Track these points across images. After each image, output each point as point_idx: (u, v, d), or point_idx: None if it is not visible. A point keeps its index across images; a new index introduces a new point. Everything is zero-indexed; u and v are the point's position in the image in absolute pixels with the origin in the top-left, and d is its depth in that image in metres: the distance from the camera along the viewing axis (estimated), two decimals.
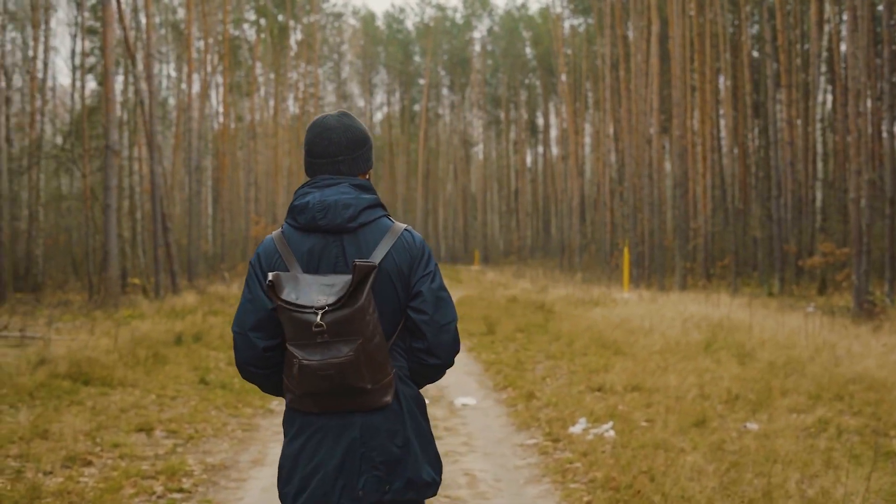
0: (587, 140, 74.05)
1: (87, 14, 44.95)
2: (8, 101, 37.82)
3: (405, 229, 3.59)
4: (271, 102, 71.33)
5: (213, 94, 56.39)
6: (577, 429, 9.77)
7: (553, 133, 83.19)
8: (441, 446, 9.37)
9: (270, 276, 3.36)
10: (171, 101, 62.90)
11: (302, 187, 3.59)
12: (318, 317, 3.27)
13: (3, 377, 13.09)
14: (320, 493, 3.40)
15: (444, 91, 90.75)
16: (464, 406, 11.87)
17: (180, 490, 7.83)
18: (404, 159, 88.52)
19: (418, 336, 3.55)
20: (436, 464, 3.60)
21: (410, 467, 3.47)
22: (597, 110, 63.83)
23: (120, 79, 45.79)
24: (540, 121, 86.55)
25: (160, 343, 17.68)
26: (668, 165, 53.58)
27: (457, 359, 12.68)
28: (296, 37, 71.47)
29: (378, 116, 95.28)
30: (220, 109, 56.42)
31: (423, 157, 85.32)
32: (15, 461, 8.54)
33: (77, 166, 36.04)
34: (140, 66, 34.12)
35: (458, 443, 9.60)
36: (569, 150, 67.00)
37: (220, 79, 57.97)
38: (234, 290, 33.25)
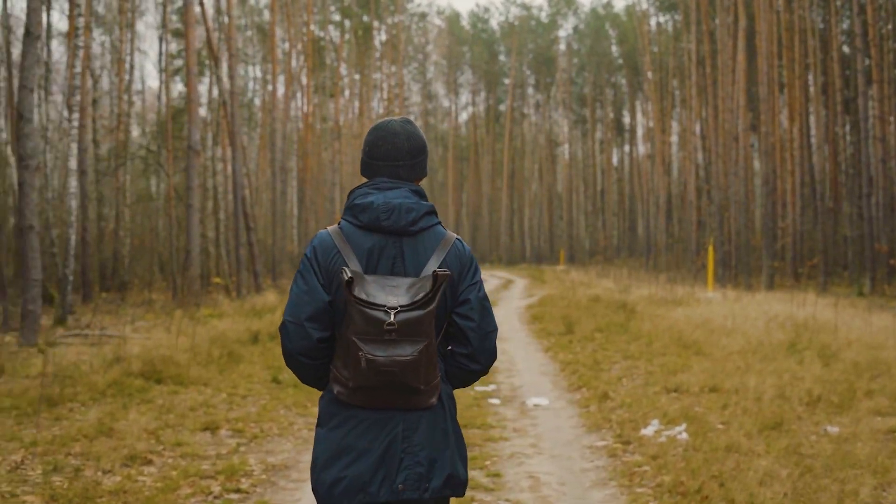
0: (674, 138, 73.06)
1: (173, 17, 45.46)
2: (95, 102, 38.31)
3: (457, 239, 3.68)
4: (356, 103, 71.60)
5: (298, 95, 56.66)
6: (648, 431, 9.45)
7: (640, 132, 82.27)
8: (507, 448, 9.13)
9: (349, 272, 3.42)
10: (257, 103, 63.42)
11: (361, 187, 3.67)
12: (391, 316, 3.35)
13: (78, 375, 13.11)
14: (359, 483, 3.46)
15: (530, 90, 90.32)
16: (536, 406, 11.60)
17: (237, 490, 7.68)
18: (489, 159, 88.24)
19: (462, 342, 3.65)
20: (466, 463, 3.69)
21: (449, 464, 3.55)
22: (683, 108, 62.93)
23: (206, 80, 46.26)
24: (626, 119, 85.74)
25: (236, 342, 17.67)
26: (756, 163, 52.62)
27: (533, 358, 12.47)
28: (380, 37, 71.63)
29: (463, 116, 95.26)
30: (306, 110, 56.61)
31: (508, 157, 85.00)
32: (76, 459, 8.47)
33: (162, 167, 36.40)
34: (224, 67, 34.33)
35: (525, 444, 9.34)
36: (655, 148, 66.24)
37: (305, 80, 58.24)
38: None
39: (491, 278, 51.45)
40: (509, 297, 34.21)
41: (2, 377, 13.36)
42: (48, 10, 33.49)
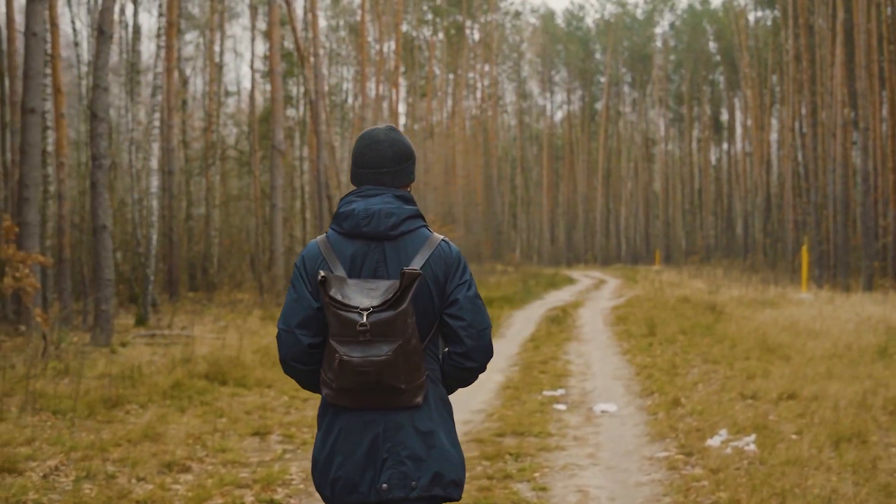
0: (774, 136, 71.46)
1: (265, 18, 45.65)
2: (184, 104, 38.57)
3: (442, 240, 3.75)
4: (449, 103, 71.35)
5: (390, 94, 56.49)
6: (715, 441, 8.91)
7: (738, 129, 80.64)
8: (562, 458, 8.66)
9: (322, 273, 3.54)
10: (351, 103, 63.47)
11: (347, 196, 3.79)
12: (364, 317, 3.45)
13: (141, 377, 12.96)
14: (350, 483, 3.57)
15: (626, 88, 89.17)
16: (602, 413, 11.09)
17: (271, 501, 7.35)
18: (585, 158, 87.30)
19: (456, 341, 3.71)
20: (461, 465, 3.71)
21: (437, 462, 3.59)
22: (782, 105, 61.47)
23: (299, 81, 46.33)
24: (724, 117, 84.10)
25: None
26: (856, 160, 51.12)
27: (609, 361, 11.97)
28: (473, 36, 71.29)
29: (558, 115, 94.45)
30: (399, 110, 56.50)
31: (603, 156, 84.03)
32: (113, 465, 8.23)
33: (250, 167, 36.48)
34: (310, 67, 34.25)
35: (582, 454, 8.85)
36: (753, 146, 64.84)
37: (397, 79, 58.12)
38: None
39: (584, 278, 50.78)
40: (598, 297, 33.59)
41: (67, 378, 13.25)
42: (135, 10, 33.74)
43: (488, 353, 3.76)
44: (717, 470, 7.79)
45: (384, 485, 3.54)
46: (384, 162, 3.78)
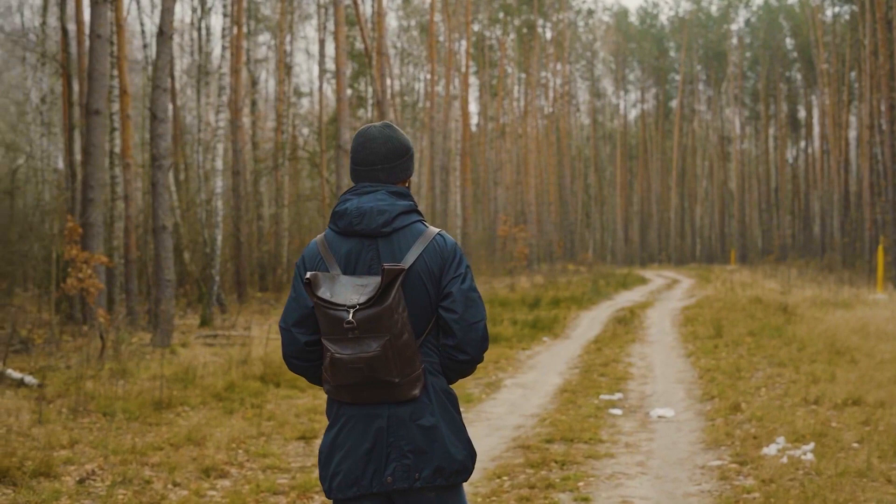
0: (852, 133, 70.08)
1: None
2: (254, 104, 38.74)
3: (438, 233, 3.79)
4: (521, 102, 71.00)
5: (462, 94, 56.28)
6: (771, 449, 8.56)
7: (815, 127, 79.16)
8: (609, 467, 8.38)
9: (308, 275, 3.64)
10: (422, 103, 63.39)
11: (344, 194, 3.84)
12: (350, 314, 3.54)
13: (194, 378, 12.90)
14: (352, 476, 3.64)
15: (700, 86, 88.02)
16: (659, 418, 10.77)
17: None
18: (658, 157, 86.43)
19: (449, 333, 3.74)
20: (467, 449, 3.76)
21: (439, 455, 3.65)
22: (860, 102, 60.20)
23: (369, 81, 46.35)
24: (801, 114, 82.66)
25: None
26: None
27: (672, 364, 11.64)
28: (545, 35, 70.85)
29: (632, 114, 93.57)
30: (471, 109, 56.29)
31: (677, 155, 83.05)
32: (151, 470, 8.11)
33: (318, 167, 36.51)
34: (377, 66, 34.16)
35: (631, 462, 8.56)
36: (830, 144, 63.62)
37: (469, 79, 57.92)
38: None
39: (657, 278, 50.12)
40: (669, 297, 33.07)
41: (123, 379, 13.23)
42: (202, 11, 33.92)
43: (481, 346, 3.77)
44: (770, 481, 7.46)
45: (388, 477, 3.62)
46: (378, 159, 3.84)
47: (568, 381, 13.85)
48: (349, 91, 52.66)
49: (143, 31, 34.33)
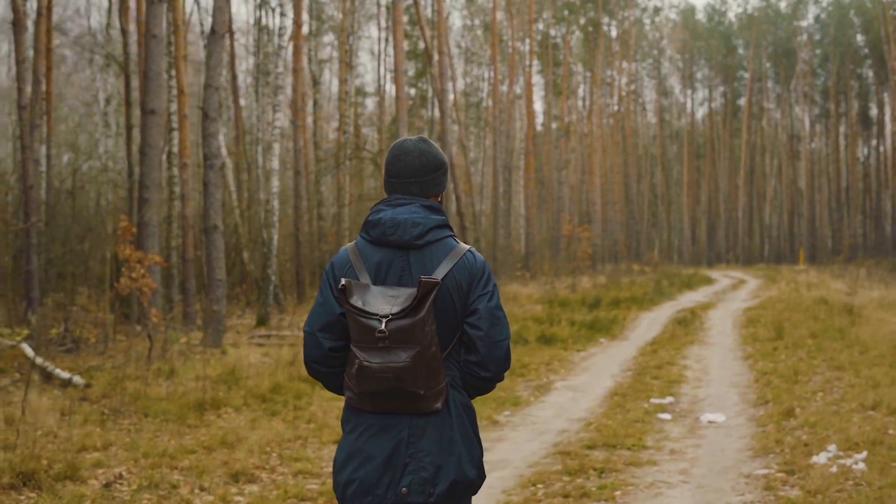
0: None
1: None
2: (315, 104, 38.74)
3: (468, 250, 3.82)
4: (587, 101, 70.48)
5: (526, 93, 55.92)
6: (821, 458, 8.22)
7: (887, 125, 77.62)
8: (651, 475, 8.09)
9: (343, 281, 3.63)
10: (486, 103, 63.12)
11: (377, 205, 3.87)
12: (382, 324, 3.54)
13: (237, 379, 12.80)
14: (367, 484, 3.64)
15: (769, 84, 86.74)
16: (709, 424, 10.44)
17: None
18: (726, 156, 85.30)
19: (472, 350, 3.75)
20: (479, 465, 3.79)
21: (455, 470, 3.67)
22: None
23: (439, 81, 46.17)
24: (873, 112, 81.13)
25: None
26: None
27: (728, 367, 11.30)
28: (610, 34, 70.25)
29: (700, 112, 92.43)
30: (536, 108, 55.95)
31: (746, 153, 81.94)
32: (180, 474, 7.98)
33: (378, 166, 36.42)
34: (436, 65, 34.02)
35: (674, 470, 8.25)
36: None
37: (533, 78, 57.58)
38: (527, 290, 32.57)
39: (723, 279, 49.40)
40: (733, 298, 32.50)
41: (170, 379, 13.17)
42: (260, 10, 33.96)
43: (504, 364, 3.79)
44: (816, 492, 7.14)
45: (403, 489, 3.62)
46: (412, 172, 3.86)
47: (620, 383, 13.55)
48: (412, 91, 52.59)
49: (202, 31, 34.43)
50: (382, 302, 3.61)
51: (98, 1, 47.04)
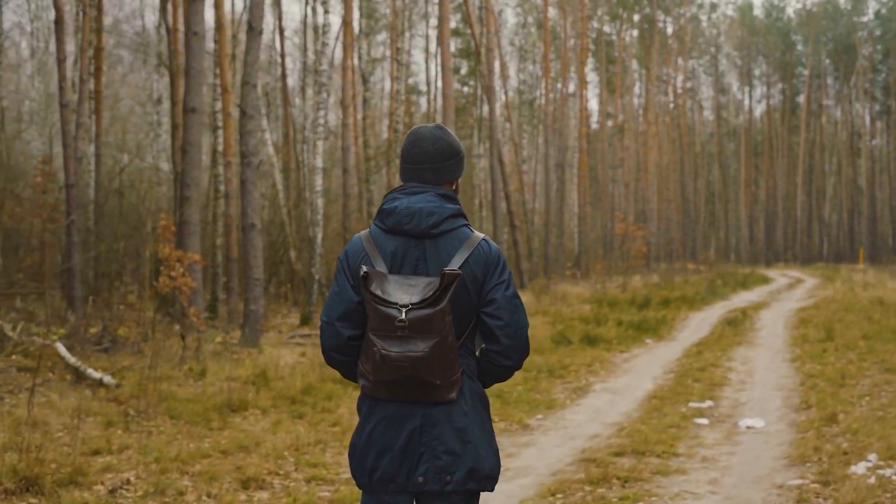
0: None
1: (453, 16, 45.38)
2: (365, 102, 38.61)
3: (483, 239, 3.81)
4: (642, 98, 69.81)
5: (579, 90, 55.42)
6: (860, 468, 7.82)
7: None
8: (678, 485, 7.72)
9: (365, 268, 3.64)
10: (541, 101, 62.67)
11: (391, 193, 3.87)
12: (403, 313, 3.56)
13: (267, 380, 12.59)
14: (389, 472, 3.68)
15: (828, 80, 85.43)
16: (747, 429, 10.04)
17: None
18: (785, 153, 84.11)
19: (493, 339, 3.77)
20: (496, 456, 3.81)
21: (472, 457, 3.69)
22: None
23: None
24: None
25: None
26: None
27: (774, 369, 10.87)
28: (666, 31, 69.51)
29: (758, 110, 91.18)
30: (590, 106, 55.41)
31: (804, 151, 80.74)
32: (190, 480, 7.74)
33: None
34: (485, 63, 33.72)
35: (703, 480, 7.88)
36: None
37: (587, 76, 57.06)
38: (577, 289, 32.18)
39: (780, 278, 48.63)
40: (787, 298, 31.86)
41: (202, 380, 13.01)
42: (307, 7, 33.83)
43: (524, 352, 3.83)
44: None
45: (420, 478, 3.66)
46: (426, 158, 3.85)
47: (660, 386, 13.18)
48: (465, 89, 52.29)
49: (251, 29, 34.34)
50: (400, 291, 3.62)
51: (153, 1, 47.12)
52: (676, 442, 9.22)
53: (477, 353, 3.87)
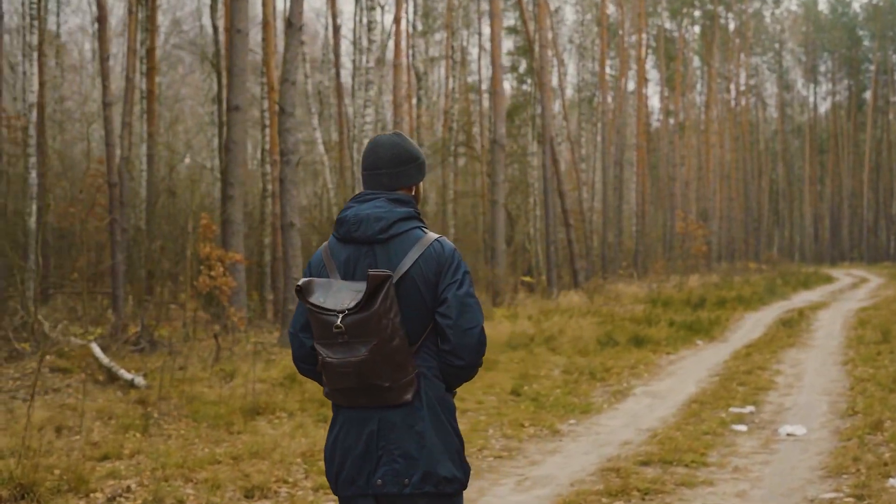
0: None
1: (512, 14, 45.10)
2: (419, 101, 38.37)
3: (436, 239, 3.81)
4: (703, 95, 68.90)
5: (638, 88, 54.77)
6: None
7: None
8: (702, 497, 7.31)
9: (301, 281, 3.74)
10: (599, 98, 62.05)
11: (348, 202, 3.93)
12: (339, 319, 3.59)
13: (302, 382, 12.35)
14: (350, 476, 3.73)
15: None
16: (787, 437, 9.58)
17: None
18: (851, 151, 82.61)
19: (444, 339, 3.76)
20: (458, 460, 3.76)
21: (426, 461, 3.66)
22: None
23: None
24: None
25: (502, 345, 16.55)
26: None
27: (824, 372, 10.38)
28: (728, 27, 68.53)
29: (823, 107, 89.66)
30: (650, 103, 54.78)
31: (870, 148, 79.24)
32: (192, 488, 7.48)
33: (480, 162, 35.90)
34: (536, 59, 33.33)
35: (730, 492, 7.44)
36: None
37: (647, 73, 56.39)
38: (632, 289, 31.68)
39: (844, 277, 47.65)
40: (849, 298, 31.08)
41: (233, 381, 12.80)
42: (356, 5, 33.69)
43: (477, 352, 3.76)
44: None
45: (378, 480, 3.67)
46: (381, 163, 3.90)
47: (703, 390, 12.73)
48: (524, 86, 51.84)
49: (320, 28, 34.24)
50: (346, 297, 3.63)
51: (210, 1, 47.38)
52: (709, 450, 8.80)
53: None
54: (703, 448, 8.82)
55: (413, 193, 4.00)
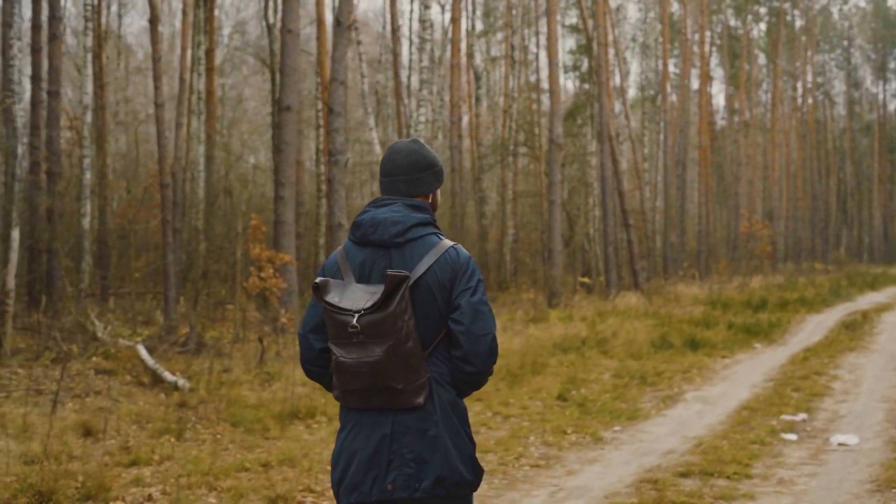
0: None
1: (574, 12, 44.70)
2: (478, 100, 38.17)
3: (451, 246, 3.84)
4: (769, 94, 67.93)
5: (702, 86, 54.09)
6: None
7: None
8: None
9: (318, 280, 3.75)
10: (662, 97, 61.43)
11: (366, 206, 3.95)
12: (355, 319, 3.60)
13: None
14: (354, 481, 3.68)
15: None
16: (838, 446, 9.22)
17: None
18: None
19: (456, 345, 3.76)
20: (470, 464, 3.76)
21: (440, 466, 3.66)
22: None
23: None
24: None
25: (553, 348, 16.27)
26: None
27: (884, 378, 10.02)
28: (795, 24, 67.51)
29: (893, 104, 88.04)
30: (714, 102, 54.08)
31: None
32: (217, 496, 7.31)
33: (539, 161, 35.59)
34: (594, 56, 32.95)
35: None
36: None
37: (711, 71, 55.70)
38: (692, 290, 31.18)
39: None
40: None
41: (274, 384, 12.66)
42: (412, 4, 33.58)
43: (488, 359, 3.77)
44: None
45: (389, 485, 3.63)
46: (399, 170, 3.93)
47: (756, 395, 12.36)
48: (586, 85, 51.43)
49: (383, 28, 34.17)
50: (360, 299, 3.65)
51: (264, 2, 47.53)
52: (754, 461, 8.47)
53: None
54: (748, 459, 8.50)
55: (430, 201, 4.02)
